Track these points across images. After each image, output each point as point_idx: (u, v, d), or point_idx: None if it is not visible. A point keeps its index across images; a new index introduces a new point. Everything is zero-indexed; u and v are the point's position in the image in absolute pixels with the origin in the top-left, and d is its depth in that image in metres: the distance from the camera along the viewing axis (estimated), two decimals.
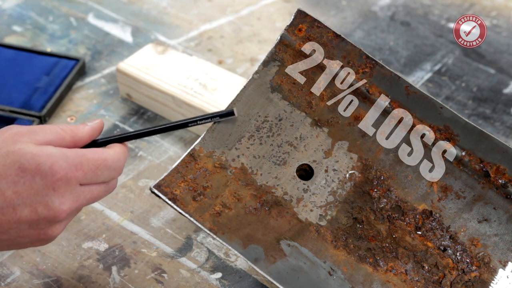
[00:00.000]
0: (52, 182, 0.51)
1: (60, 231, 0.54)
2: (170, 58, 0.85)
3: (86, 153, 0.53)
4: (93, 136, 0.57)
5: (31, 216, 0.51)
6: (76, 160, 0.52)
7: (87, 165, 0.53)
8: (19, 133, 0.52)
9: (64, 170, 0.51)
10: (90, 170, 0.53)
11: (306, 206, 0.61)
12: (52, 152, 0.51)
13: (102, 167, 0.54)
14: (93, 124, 0.57)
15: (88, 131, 0.56)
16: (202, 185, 0.59)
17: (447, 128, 0.64)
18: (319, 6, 1.07)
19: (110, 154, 0.55)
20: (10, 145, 0.51)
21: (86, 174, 0.53)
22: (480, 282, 0.61)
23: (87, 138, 0.56)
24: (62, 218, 0.52)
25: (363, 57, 0.65)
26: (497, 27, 1.05)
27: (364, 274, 0.60)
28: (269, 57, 0.65)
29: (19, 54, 0.90)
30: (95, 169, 0.53)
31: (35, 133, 0.52)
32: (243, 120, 0.63)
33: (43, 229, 0.52)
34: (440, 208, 0.63)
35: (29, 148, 0.51)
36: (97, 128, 0.57)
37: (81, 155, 0.53)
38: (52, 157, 0.51)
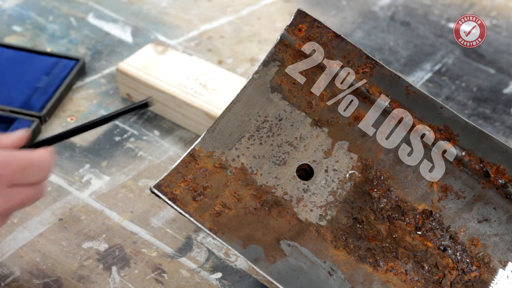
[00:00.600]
0: None
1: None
2: (170, 58, 0.85)
3: (13, 153, 0.53)
4: (18, 145, 0.56)
5: None
6: (2, 159, 0.52)
7: (15, 164, 0.52)
8: None
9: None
10: (19, 169, 0.52)
11: (306, 206, 0.61)
12: None
13: (30, 166, 0.53)
14: (18, 134, 0.56)
15: (14, 139, 0.55)
16: (202, 185, 0.59)
17: (447, 128, 0.64)
18: (319, 6, 1.07)
19: (38, 154, 0.55)
20: None
21: (14, 173, 0.52)
22: (480, 282, 0.61)
23: (10, 146, 0.55)
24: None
25: (363, 57, 0.65)
26: (497, 27, 1.05)
27: (364, 274, 0.60)
28: (269, 57, 0.65)
29: (19, 54, 0.90)
30: (23, 168, 0.53)
31: None
32: (243, 120, 0.63)
33: None
34: (440, 208, 0.63)
35: None
36: (21, 138, 0.56)
37: (8, 154, 0.53)
38: None
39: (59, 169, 0.77)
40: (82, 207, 0.72)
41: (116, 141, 0.81)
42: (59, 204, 0.73)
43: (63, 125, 0.82)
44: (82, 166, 0.77)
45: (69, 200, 0.73)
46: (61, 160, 0.78)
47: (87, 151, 0.79)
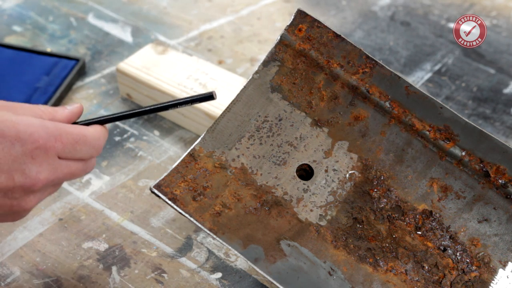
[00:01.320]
0: (30, 150, 0.51)
1: (34, 204, 0.54)
2: (170, 58, 0.85)
3: (66, 126, 0.53)
4: (72, 119, 0.57)
5: (7, 183, 0.51)
6: (55, 131, 0.52)
7: (66, 138, 0.53)
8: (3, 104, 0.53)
9: (43, 139, 0.51)
10: (69, 143, 0.53)
11: (306, 206, 0.61)
12: (32, 122, 0.51)
13: (81, 142, 0.54)
14: (72, 108, 0.57)
15: (67, 114, 0.56)
16: (202, 185, 0.59)
17: (447, 128, 0.64)
18: (319, 6, 1.07)
19: (90, 132, 0.55)
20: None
21: (65, 146, 0.53)
22: (480, 282, 0.61)
23: (65, 121, 0.56)
24: (38, 187, 0.52)
25: (363, 57, 0.65)
26: (497, 27, 1.05)
27: (364, 274, 0.60)
28: (269, 57, 0.65)
29: (19, 54, 0.90)
30: (74, 143, 0.54)
31: (14, 108, 0.53)
32: (243, 120, 0.63)
33: (17, 199, 0.52)
34: (440, 208, 0.63)
35: (9, 116, 0.51)
36: (76, 112, 0.57)
37: (60, 127, 0.53)
38: (32, 126, 0.51)
39: None
40: (82, 207, 0.72)
41: (116, 141, 0.81)
42: (59, 204, 0.73)
43: None
44: None
45: (69, 200, 0.73)
46: None
47: None
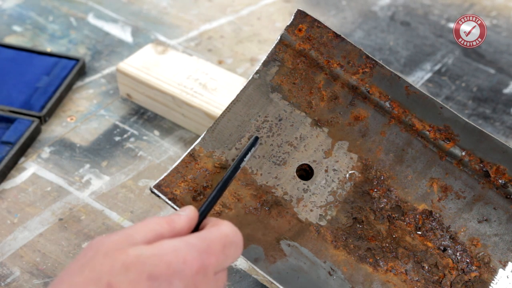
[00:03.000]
0: (192, 280, 0.42)
1: None
2: (170, 58, 0.85)
3: (207, 235, 0.45)
4: (191, 226, 0.48)
5: None
6: (203, 245, 0.44)
7: (215, 247, 0.45)
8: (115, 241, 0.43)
9: (198, 260, 0.43)
10: (220, 252, 0.45)
11: (306, 206, 0.61)
12: (176, 245, 0.43)
13: (228, 244, 0.46)
14: (187, 213, 0.48)
15: (186, 221, 0.47)
16: (202, 185, 0.59)
17: (447, 128, 0.64)
18: (319, 6, 1.07)
19: (228, 229, 0.47)
20: (120, 257, 0.41)
21: (218, 258, 0.45)
22: (480, 282, 0.61)
23: (186, 229, 0.47)
24: None
25: (363, 57, 0.65)
26: (497, 27, 1.05)
27: (364, 274, 0.60)
28: (269, 57, 0.65)
29: (19, 54, 0.90)
30: (223, 248, 0.45)
31: (131, 236, 0.44)
32: (243, 120, 0.63)
33: None
34: (440, 208, 0.63)
35: (147, 251, 0.42)
36: (193, 217, 0.48)
37: (204, 238, 0.45)
38: (179, 250, 0.43)
39: (59, 169, 0.77)
40: (82, 207, 0.72)
41: (116, 141, 0.81)
42: (59, 204, 0.73)
43: (63, 125, 0.82)
44: (82, 166, 0.77)
45: (69, 200, 0.73)
46: (61, 160, 0.78)
47: (87, 151, 0.79)
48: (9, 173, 0.76)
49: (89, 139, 0.81)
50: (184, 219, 0.47)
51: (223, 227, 0.47)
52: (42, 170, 0.76)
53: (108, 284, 0.40)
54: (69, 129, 0.82)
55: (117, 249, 0.42)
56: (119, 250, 0.42)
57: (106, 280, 0.40)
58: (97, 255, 0.42)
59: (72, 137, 0.81)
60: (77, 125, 0.83)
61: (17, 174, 0.76)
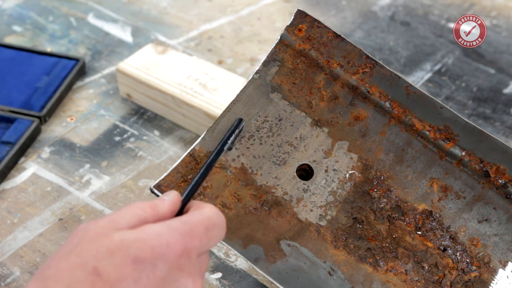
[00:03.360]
0: (175, 263, 0.43)
1: None
2: (170, 58, 0.85)
3: (189, 218, 0.46)
4: (174, 210, 0.48)
5: None
6: (186, 228, 0.44)
7: (198, 229, 0.45)
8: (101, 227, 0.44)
9: (181, 243, 0.43)
10: (202, 234, 0.45)
11: (306, 206, 0.61)
12: (158, 229, 0.43)
13: (211, 227, 0.46)
14: (170, 197, 0.48)
15: (169, 206, 0.48)
16: (202, 185, 0.59)
17: (447, 128, 0.64)
18: (319, 6, 1.07)
19: (210, 212, 0.47)
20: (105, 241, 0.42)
21: (201, 240, 0.45)
22: (480, 282, 0.61)
23: (169, 213, 0.47)
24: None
25: (363, 57, 0.65)
26: (497, 27, 1.05)
27: (364, 274, 0.60)
28: (269, 57, 0.65)
29: (19, 54, 0.90)
30: (206, 231, 0.46)
31: (116, 222, 0.44)
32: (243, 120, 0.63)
33: None
34: (440, 208, 0.63)
35: (131, 235, 0.43)
36: (176, 201, 0.49)
37: (186, 221, 0.45)
38: (162, 234, 0.43)
39: (59, 169, 0.77)
40: (82, 207, 0.72)
41: (116, 141, 0.81)
42: (59, 204, 0.73)
43: (63, 125, 0.82)
44: (82, 166, 0.77)
45: (69, 200, 0.73)
46: (61, 160, 0.78)
47: (87, 151, 0.79)
48: (9, 173, 0.76)
49: (89, 139, 0.81)
50: (167, 203, 0.48)
51: (205, 209, 0.47)
52: (42, 170, 0.76)
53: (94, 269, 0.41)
54: (69, 129, 0.82)
55: (102, 234, 0.43)
56: (104, 235, 0.42)
57: (92, 264, 0.41)
58: (83, 241, 0.43)
59: (72, 137, 0.81)
60: (77, 125, 0.83)
61: (17, 174, 0.76)
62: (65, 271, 0.41)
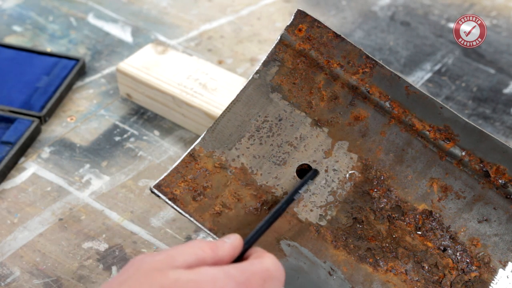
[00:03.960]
0: None
1: None
2: (170, 58, 0.85)
3: (248, 267, 0.45)
4: (235, 255, 0.47)
5: None
6: (242, 277, 0.43)
7: (255, 280, 0.44)
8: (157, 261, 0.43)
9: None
10: (258, 286, 0.44)
11: (306, 206, 0.61)
12: (215, 274, 0.43)
13: (268, 280, 0.45)
14: (232, 241, 0.47)
15: (229, 249, 0.47)
16: (202, 185, 0.59)
17: (447, 128, 0.64)
18: (319, 6, 1.07)
19: (270, 263, 0.46)
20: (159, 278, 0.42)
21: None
22: (480, 282, 0.61)
23: (228, 257, 0.46)
24: None
25: (363, 57, 0.65)
26: (497, 27, 1.05)
27: (364, 274, 0.60)
28: (269, 57, 0.65)
29: (19, 54, 0.90)
30: (263, 283, 0.44)
31: (173, 259, 0.43)
32: (243, 120, 0.63)
33: None
34: (440, 208, 0.63)
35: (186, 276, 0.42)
36: (237, 245, 0.47)
37: (244, 269, 0.44)
38: (218, 280, 0.42)
39: (59, 169, 0.77)
40: (82, 207, 0.72)
41: (116, 141, 0.81)
42: (59, 204, 0.73)
43: (63, 125, 0.82)
44: (82, 166, 0.77)
45: (69, 200, 0.73)
46: (61, 160, 0.78)
47: (87, 151, 0.79)
48: (9, 173, 0.76)
49: (89, 139, 0.81)
50: (228, 246, 0.47)
51: (266, 260, 0.46)
52: (42, 170, 0.76)
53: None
54: (69, 129, 0.82)
55: (157, 270, 0.42)
56: (159, 272, 0.42)
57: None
58: (137, 274, 0.42)
59: (72, 137, 0.81)
60: (77, 125, 0.83)
61: (17, 174, 0.76)
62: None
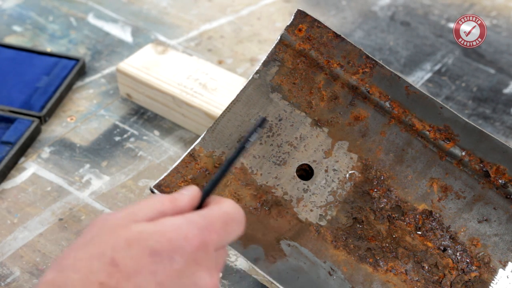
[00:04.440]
0: (193, 256, 0.42)
1: None
2: (170, 58, 0.85)
3: (208, 212, 0.45)
4: (194, 205, 0.47)
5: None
6: (204, 222, 0.44)
7: (217, 224, 0.45)
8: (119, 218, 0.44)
9: (198, 237, 0.43)
10: (221, 229, 0.45)
11: (306, 206, 0.61)
12: (177, 222, 0.43)
13: (229, 222, 0.46)
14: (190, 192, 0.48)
15: (188, 200, 0.47)
16: (202, 185, 0.59)
17: (447, 128, 0.64)
18: (319, 6, 1.07)
19: (230, 206, 0.47)
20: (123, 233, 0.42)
21: (219, 235, 0.45)
22: (480, 282, 0.61)
23: (188, 208, 0.47)
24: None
25: (363, 57, 0.65)
26: (497, 27, 1.05)
27: (364, 274, 0.60)
28: (269, 57, 0.65)
29: (19, 54, 0.90)
30: (224, 225, 0.45)
31: (134, 214, 0.44)
32: (243, 120, 0.63)
33: None
34: (440, 208, 0.63)
35: (149, 227, 0.42)
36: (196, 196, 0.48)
37: (205, 215, 0.45)
38: (180, 227, 0.43)
39: (59, 169, 0.77)
40: (82, 207, 0.72)
41: (116, 141, 0.81)
42: (59, 204, 0.73)
43: (63, 125, 0.82)
44: (82, 166, 0.77)
45: (69, 200, 0.73)
46: (61, 160, 0.78)
47: (87, 151, 0.79)
48: (9, 173, 0.76)
49: (89, 139, 0.81)
50: (187, 197, 0.47)
51: (224, 204, 0.47)
52: (42, 170, 0.76)
53: (111, 259, 0.41)
54: (69, 129, 0.82)
55: (120, 225, 0.43)
56: (122, 227, 0.42)
57: (110, 255, 0.41)
58: (101, 232, 0.43)
59: (72, 137, 0.81)
60: (77, 125, 0.83)
61: (17, 174, 0.76)
62: (83, 261, 0.41)
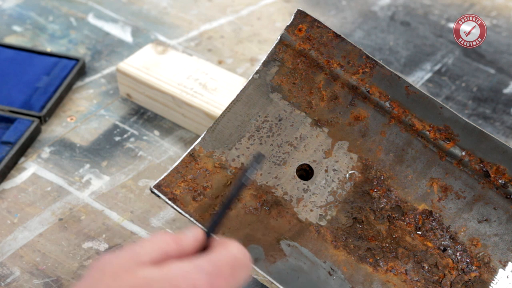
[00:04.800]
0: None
1: None
2: (170, 58, 0.85)
3: (216, 257, 0.44)
4: (198, 246, 0.46)
5: None
6: (212, 267, 0.43)
7: (224, 269, 0.43)
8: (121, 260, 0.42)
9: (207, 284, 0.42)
10: (229, 274, 0.44)
11: (306, 206, 0.61)
12: (185, 268, 0.42)
13: (236, 266, 0.45)
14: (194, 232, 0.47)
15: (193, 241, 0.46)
16: (202, 185, 0.59)
17: (447, 128, 0.64)
18: (319, 6, 1.07)
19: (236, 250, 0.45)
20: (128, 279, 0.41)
21: (227, 280, 0.43)
22: (480, 282, 0.61)
23: (192, 249, 0.46)
24: None
25: (363, 57, 0.65)
26: (497, 27, 1.05)
27: (364, 274, 0.60)
28: (269, 57, 0.65)
29: (19, 54, 0.90)
30: (232, 270, 0.44)
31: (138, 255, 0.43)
32: (243, 120, 0.63)
33: None
34: (440, 208, 0.63)
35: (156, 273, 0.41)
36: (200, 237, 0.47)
37: (212, 260, 0.44)
38: (188, 274, 0.42)
39: (59, 169, 0.77)
40: (82, 207, 0.72)
41: (116, 141, 0.81)
42: (59, 204, 0.73)
43: (63, 125, 0.82)
44: (82, 166, 0.77)
45: (69, 200, 0.73)
46: (61, 160, 0.78)
47: (87, 151, 0.79)
48: (9, 173, 0.76)
49: (89, 139, 0.81)
50: (191, 238, 0.46)
51: (231, 248, 0.46)
52: (42, 170, 0.76)
53: None
54: (69, 129, 0.82)
55: (124, 270, 0.41)
56: (126, 272, 0.41)
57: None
58: (104, 277, 0.41)
59: (72, 137, 0.81)
60: (77, 125, 0.83)
61: (17, 174, 0.76)
62: None
